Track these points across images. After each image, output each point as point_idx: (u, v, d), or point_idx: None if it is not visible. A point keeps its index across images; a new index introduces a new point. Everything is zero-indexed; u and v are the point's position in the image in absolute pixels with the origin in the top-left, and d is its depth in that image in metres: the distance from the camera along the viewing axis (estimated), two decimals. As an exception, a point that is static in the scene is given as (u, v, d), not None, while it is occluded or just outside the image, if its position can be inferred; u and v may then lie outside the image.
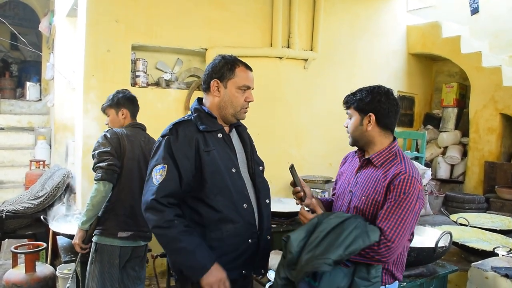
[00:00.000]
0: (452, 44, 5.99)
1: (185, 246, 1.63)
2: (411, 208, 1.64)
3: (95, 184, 2.41)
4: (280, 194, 4.34)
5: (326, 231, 1.62)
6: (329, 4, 5.26)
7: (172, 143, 1.72)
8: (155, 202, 1.65)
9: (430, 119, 6.74)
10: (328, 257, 1.55)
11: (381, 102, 1.78)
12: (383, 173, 1.73)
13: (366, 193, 1.76)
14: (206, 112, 1.84)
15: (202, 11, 4.32)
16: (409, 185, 1.65)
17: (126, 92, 2.77)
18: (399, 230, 1.61)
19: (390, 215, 1.63)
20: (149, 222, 1.67)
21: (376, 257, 1.61)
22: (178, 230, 1.64)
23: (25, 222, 3.85)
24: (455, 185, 5.99)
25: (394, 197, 1.65)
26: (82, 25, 3.88)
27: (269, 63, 4.83)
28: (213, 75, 1.83)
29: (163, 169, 1.69)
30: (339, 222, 1.64)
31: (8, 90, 9.00)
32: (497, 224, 3.61)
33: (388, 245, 1.59)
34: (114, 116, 2.73)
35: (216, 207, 1.74)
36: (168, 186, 1.68)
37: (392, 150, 1.80)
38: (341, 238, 1.58)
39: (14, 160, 6.91)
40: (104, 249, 2.46)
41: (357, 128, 1.83)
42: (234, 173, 1.81)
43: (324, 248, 1.58)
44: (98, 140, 2.52)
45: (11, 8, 9.97)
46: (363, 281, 1.63)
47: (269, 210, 1.93)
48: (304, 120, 5.13)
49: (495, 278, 2.27)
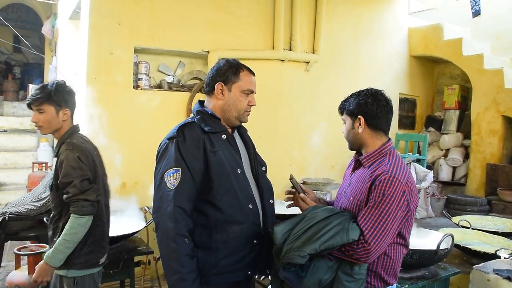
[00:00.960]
0: (453, 46, 5.99)
1: (183, 272, 1.61)
2: (391, 210, 1.62)
3: (78, 218, 2.02)
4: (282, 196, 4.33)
5: (310, 225, 1.66)
6: (331, 7, 5.28)
7: (181, 145, 1.71)
8: (177, 208, 1.64)
9: (432, 121, 6.73)
10: (303, 250, 1.60)
11: (368, 103, 1.80)
12: (369, 173, 1.74)
13: (354, 194, 1.79)
14: (210, 113, 1.84)
15: (204, 14, 4.34)
16: (389, 186, 1.63)
17: (67, 86, 2.22)
18: (378, 232, 1.61)
19: (368, 216, 1.64)
20: (162, 229, 1.64)
21: (355, 256, 1.62)
22: (185, 252, 1.63)
23: (28, 224, 3.85)
24: (457, 187, 5.99)
25: (374, 198, 1.65)
26: (85, 28, 3.90)
27: (271, 65, 4.84)
28: (217, 78, 1.84)
29: (177, 172, 1.67)
30: (325, 216, 1.67)
31: (11, 92, 9.06)
32: (499, 226, 3.61)
33: (365, 246, 1.60)
34: (52, 116, 2.15)
35: (223, 208, 1.75)
36: (185, 190, 1.67)
37: (382, 151, 1.80)
38: (321, 233, 1.62)
39: (17, 162, 6.93)
40: (85, 280, 2.17)
41: (350, 132, 1.87)
42: (239, 173, 1.81)
43: (303, 241, 1.62)
44: (69, 163, 2.06)
45: (14, 11, 10.03)
46: (346, 276, 1.64)
47: (273, 210, 1.95)
48: (305, 123, 5.13)
49: (497, 280, 2.27)
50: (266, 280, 3.57)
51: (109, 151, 3.83)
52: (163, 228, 1.65)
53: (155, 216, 1.69)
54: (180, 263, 1.62)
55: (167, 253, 1.64)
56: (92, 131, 3.79)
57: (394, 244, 1.75)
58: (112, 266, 2.65)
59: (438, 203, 5.45)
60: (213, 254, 1.74)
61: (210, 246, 1.74)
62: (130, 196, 3.67)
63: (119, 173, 3.87)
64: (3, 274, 3.86)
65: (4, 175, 6.65)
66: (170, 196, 1.65)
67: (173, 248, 1.62)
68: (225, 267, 1.75)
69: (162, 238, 1.65)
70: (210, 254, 1.74)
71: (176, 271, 1.62)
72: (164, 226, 1.64)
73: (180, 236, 1.63)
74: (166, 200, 1.65)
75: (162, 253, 1.67)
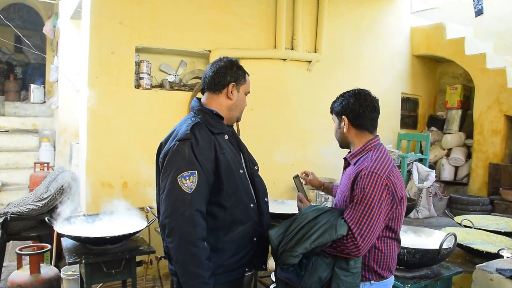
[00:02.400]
0: (456, 45, 5.97)
1: (205, 276, 1.61)
2: (373, 204, 1.68)
3: None
4: (284, 196, 4.34)
5: (301, 225, 1.72)
6: (333, 6, 5.27)
7: (195, 147, 1.69)
8: (197, 212, 1.62)
9: (434, 121, 6.72)
10: (295, 250, 1.67)
11: (350, 103, 1.88)
12: (354, 170, 1.81)
13: (341, 190, 1.88)
14: (214, 113, 1.84)
15: (205, 13, 4.33)
16: (368, 180, 1.69)
17: None
18: (363, 226, 1.66)
19: (353, 212, 1.70)
20: (181, 233, 1.61)
21: (346, 251, 1.68)
22: (206, 255, 1.62)
23: (30, 224, 3.86)
24: (459, 187, 5.97)
25: (357, 193, 1.72)
26: (86, 28, 3.90)
27: (273, 65, 4.83)
28: (231, 79, 1.84)
29: (193, 175, 1.64)
30: (314, 216, 1.73)
31: (13, 92, 9.07)
32: (501, 226, 3.59)
33: (353, 240, 1.66)
34: None
35: (230, 209, 1.76)
36: (202, 193, 1.66)
37: (366, 148, 1.86)
38: (310, 232, 1.68)
39: (19, 162, 6.94)
40: None
41: (337, 131, 1.97)
42: (242, 173, 1.84)
43: (295, 242, 1.69)
44: None
45: (16, 11, 10.03)
46: (343, 271, 1.70)
47: (267, 208, 1.97)
48: (308, 122, 5.12)
49: (500, 280, 2.26)
50: (268, 280, 3.57)
51: (110, 151, 3.84)
52: (181, 233, 1.62)
53: (168, 220, 1.65)
54: (202, 267, 1.61)
55: (188, 258, 1.62)
56: (94, 130, 3.79)
57: (384, 238, 1.81)
58: (114, 266, 2.65)
59: (441, 203, 5.44)
60: (220, 254, 1.75)
61: (217, 247, 1.75)
62: (131, 196, 3.67)
63: (121, 172, 3.87)
64: (5, 274, 3.86)
65: (6, 175, 6.67)
66: (187, 200, 1.62)
67: (194, 252, 1.60)
68: (228, 266, 1.77)
69: (180, 243, 1.62)
70: (217, 254, 1.75)
71: (198, 275, 1.60)
72: (183, 230, 1.61)
73: (200, 240, 1.62)
74: (183, 204, 1.62)
75: (181, 258, 1.63)
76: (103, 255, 2.61)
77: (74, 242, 2.75)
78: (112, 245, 2.70)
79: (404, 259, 2.29)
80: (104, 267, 2.62)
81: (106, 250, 2.65)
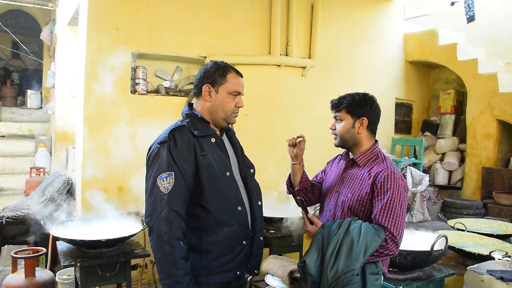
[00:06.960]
0: (448, 51, 6.04)
1: (178, 275, 1.64)
2: (401, 201, 1.80)
3: None
4: (278, 200, 4.36)
5: (339, 243, 1.74)
6: (327, 12, 5.33)
7: (173, 149, 1.74)
8: (172, 212, 1.66)
9: (428, 125, 6.78)
10: (354, 268, 1.69)
11: (373, 108, 1.96)
12: (367, 171, 1.89)
13: (352, 191, 1.90)
14: (199, 117, 1.87)
15: (201, 19, 4.38)
16: (392, 180, 1.80)
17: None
18: (399, 223, 1.76)
19: (386, 212, 1.76)
20: (157, 233, 1.66)
21: (385, 252, 1.75)
22: (180, 254, 1.65)
23: (25, 228, 3.86)
24: (453, 191, 6.01)
25: (383, 193, 1.79)
26: (83, 34, 3.94)
27: (268, 70, 4.87)
28: (205, 80, 1.88)
29: (170, 176, 1.70)
30: (345, 230, 1.76)
31: (9, 98, 9.07)
32: (494, 229, 3.63)
33: (393, 239, 1.74)
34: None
35: (213, 210, 1.77)
36: (179, 194, 1.70)
37: (374, 151, 1.96)
38: (356, 246, 1.71)
39: (15, 168, 6.94)
40: None
41: (349, 130, 1.96)
42: (228, 176, 1.84)
43: (345, 261, 1.70)
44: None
45: (13, 17, 10.06)
46: (373, 275, 1.76)
47: (261, 212, 1.97)
48: (302, 127, 5.13)
49: (490, 281, 2.29)
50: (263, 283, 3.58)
51: (106, 155, 3.85)
52: (157, 232, 1.67)
53: (148, 220, 1.71)
54: (176, 266, 1.64)
55: (162, 256, 1.66)
56: (90, 135, 3.81)
57: None
58: (108, 269, 2.66)
59: (435, 207, 5.47)
60: (203, 256, 1.77)
61: (200, 248, 1.77)
62: (127, 200, 3.69)
63: (116, 176, 3.89)
64: (0, 278, 3.86)
65: (2, 180, 6.67)
66: (164, 200, 1.67)
67: (168, 251, 1.65)
68: (215, 268, 1.78)
69: (157, 242, 1.67)
70: (200, 256, 1.77)
71: (171, 274, 1.64)
72: (159, 229, 1.66)
73: (175, 239, 1.65)
74: (160, 204, 1.67)
75: (157, 256, 1.69)
76: (98, 258, 2.62)
77: (69, 245, 2.76)
78: (107, 249, 2.71)
79: (396, 261, 2.31)
80: (99, 270, 2.62)
81: (101, 254, 2.66)
